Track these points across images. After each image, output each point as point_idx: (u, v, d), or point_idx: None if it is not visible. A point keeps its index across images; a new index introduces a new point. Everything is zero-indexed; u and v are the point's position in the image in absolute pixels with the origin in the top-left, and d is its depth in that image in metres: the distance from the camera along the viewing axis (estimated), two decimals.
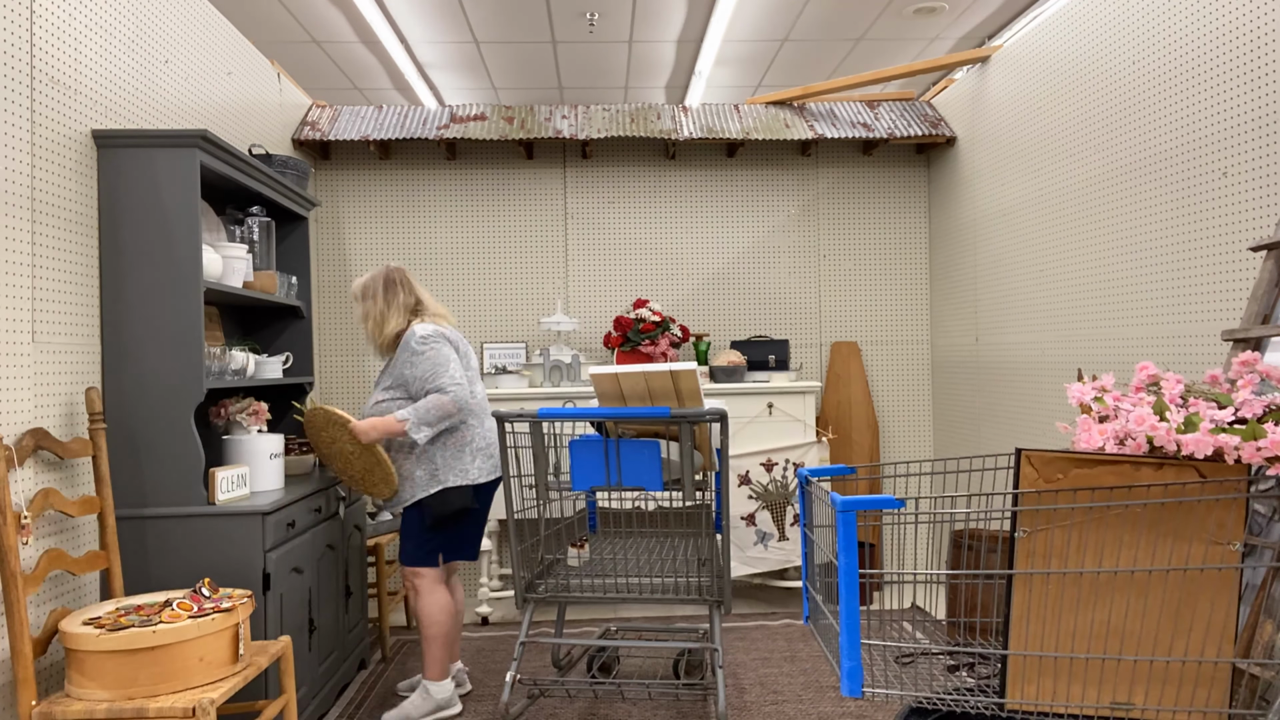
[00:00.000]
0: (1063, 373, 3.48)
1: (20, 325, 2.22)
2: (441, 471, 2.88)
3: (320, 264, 4.59)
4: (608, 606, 4.36)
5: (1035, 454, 1.61)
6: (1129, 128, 3.05)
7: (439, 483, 2.88)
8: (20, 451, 2.12)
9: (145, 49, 2.88)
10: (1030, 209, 3.71)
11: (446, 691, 2.98)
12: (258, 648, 2.37)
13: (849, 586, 1.52)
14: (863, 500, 1.52)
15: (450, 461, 2.89)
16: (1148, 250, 2.97)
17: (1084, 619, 1.59)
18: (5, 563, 1.99)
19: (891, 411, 4.81)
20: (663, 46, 6.32)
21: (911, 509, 4.36)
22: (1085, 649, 1.60)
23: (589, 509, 3.33)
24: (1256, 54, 2.50)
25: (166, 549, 2.53)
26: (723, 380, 4.29)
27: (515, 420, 2.67)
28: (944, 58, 4.23)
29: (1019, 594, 1.62)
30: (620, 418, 2.59)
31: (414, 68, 6.69)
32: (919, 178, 4.82)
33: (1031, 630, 1.61)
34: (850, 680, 1.55)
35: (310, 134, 4.33)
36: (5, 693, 2.11)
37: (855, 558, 1.53)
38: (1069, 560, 1.59)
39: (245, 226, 3.25)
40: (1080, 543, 1.59)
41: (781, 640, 3.78)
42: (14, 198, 2.21)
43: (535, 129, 4.41)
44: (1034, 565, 1.60)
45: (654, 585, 2.74)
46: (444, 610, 2.96)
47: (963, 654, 2.98)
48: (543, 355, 4.28)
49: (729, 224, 4.76)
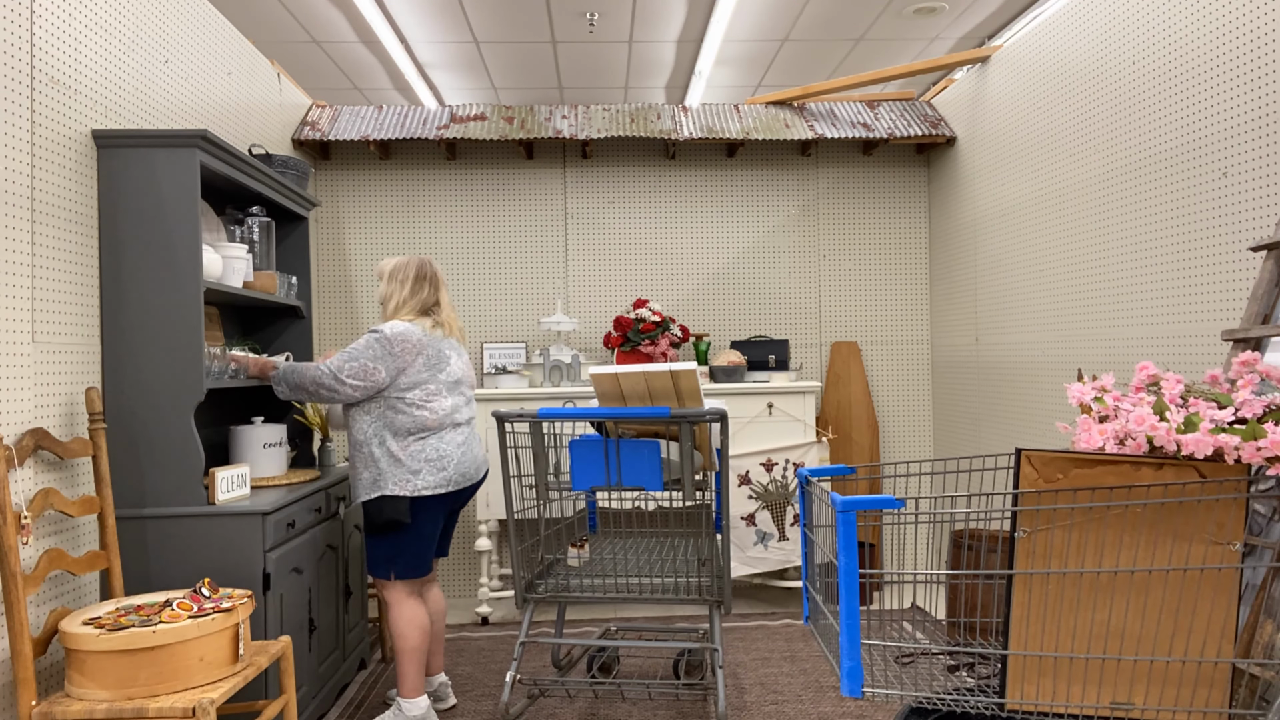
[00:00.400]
0: (1063, 373, 3.48)
1: (20, 325, 2.22)
2: (383, 479, 2.79)
3: (320, 264, 4.59)
4: (608, 606, 4.36)
5: (1035, 454, 1.61)
6: (1129, 128, 3.05)
7: (378, 489, 2.79)
8: (20, 451, 2.12)
9: (145, 49, 2.88)
10: (1030, 209, 3.71)
11: (419, 710, 2.85)
12: (258, 648, 2.37)
13: (849, 586, 1.52)
14: (862, 500, 1.52)
15: (392, 469, 2.79)
16: (1148, 250, 2.97)
17: (1084, 619, 1.59)
18: (5, 563, 1.99)
19: (891, 411, 4.81)
20: (663, 46, 6.32)
21: (911, 509, 4.36)
22: (1085, 649, 1.60)
23: (589, 509, 3.33)
24: (1256, 54, 2.50)
25: (166, 549, 2.53)
26: (723, 380, 4.29)
27: (515, 420, 2.67)
28: (944, 58, 4.23)
29: (1019, 594, 1.62)
30: (620, 418, 2.59)
31: (414, 68, 6.69)
32: (919, 178, 4.82)
33: (1031, 630, 1.61)
34: (850, 680, 1.55)
35: (310, 134, 4.33)
36: (5, 693, 2.11)
37: (855, 558, 1.53)
38: (1069, 560, 1.59)
39: (245, 226, 3.25)
40: (1080, 543, 1.59)
41: (781, 640, 3.78)
42: (14, 198, 2.21)
43: (535, 129, 4.41)
44: (1034, 565, 1.60)
45: (654, 585, 2.74)
46: (412, 624, 2.84)
47: (962, 654, 2.98)
48: (543, 355, 4.28)
49: (729, 224, 4.76)
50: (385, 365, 2.77)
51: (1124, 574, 1.57)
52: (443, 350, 2.90)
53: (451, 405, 2.90)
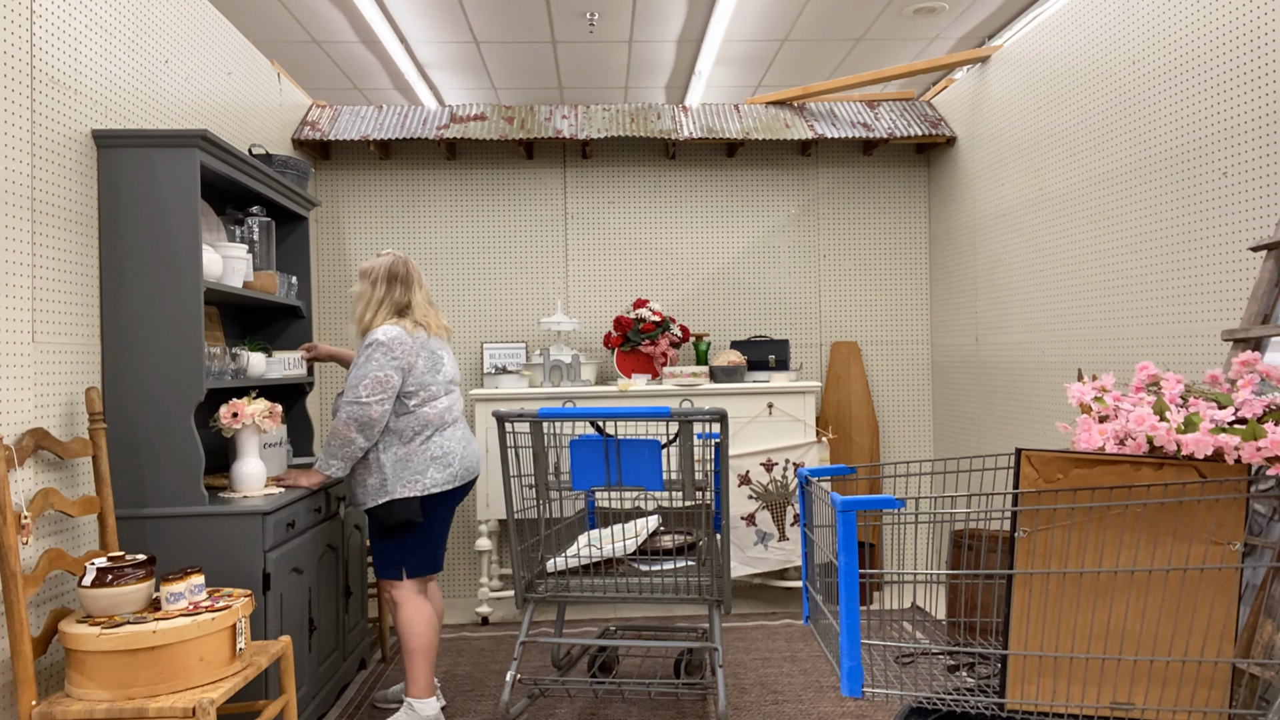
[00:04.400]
0: (1063, 373, 3.48)
1: (20, 325, 2.22)
2: (390, 482, 2.82)
3: (320, 264, 4.59)
4: (608, 606, 4.36)
5: (1035, 454, 1.61)
6: (1129, 128, 3.05)
7: (387, 494, 2.81)
8: (20, 451, 2.12)
9: (145, 49, 2.88)
10: (1030, 209, 3.71)
11: (431, 710, 2.87)
12: (258, 648, 2.37)
13: (849, 586, 1.52)
14: (863, 500, 1.52)
15: (399, 472, 2.82)
16: (1148, 250, 2.97)
17: (1084, 619, 1.59)
18: (5, 563, 1.99)
19: (891, 411, 4.81)
20: (663, 46, 6.32)
21: (911, 509, 4.35)
22: (1085, 649, 1.60)
23: (588, 508, 3.33)
24: (1256, 54, 2.50)
25: (166, 549, 2.53)
26: (723, 380, 4.29)
27: (515, 420, 2.67)
28: (944, 58, 4.23)
29: (1019, 594, 1.62)
30: (620, 417, 2.59)
31: (414, 68, 6.69)
32: (919, 178, 4.82)
33: (1031, 630, 1.61)
34: (850, 680, 1.54)
35: (310, 134, 4.33)
36: (5, 693, 2.11)
37: (855, 558, 1.52)
38: (1069, 560, 1.59)
39: (245, 226, 3.25)
40: (1080, 543, 1.59)
41: (781, 640, 3.78)
42: (14, 198, 2.21)
43: (535, 129, 4.41)
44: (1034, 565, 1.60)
45: (654, 585, 2.74)
46: (424, 621, 2.87)
47: (963, 654, 2.98)
48: (543, 355, 4.27)
49: (729, 224, 4.76)
50: (393, 369, 2.79)
51: (1124, 574, 1.57)
52: (435, 351, 2.93)
53: (448, 403, 2.94)
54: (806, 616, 1.92)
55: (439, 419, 2.89)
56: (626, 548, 2.87)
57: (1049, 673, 1.61)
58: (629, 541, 2.90)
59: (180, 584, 2.18)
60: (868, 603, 4.37)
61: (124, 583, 2.12)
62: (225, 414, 2.73)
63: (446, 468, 2.87)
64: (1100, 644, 1.59)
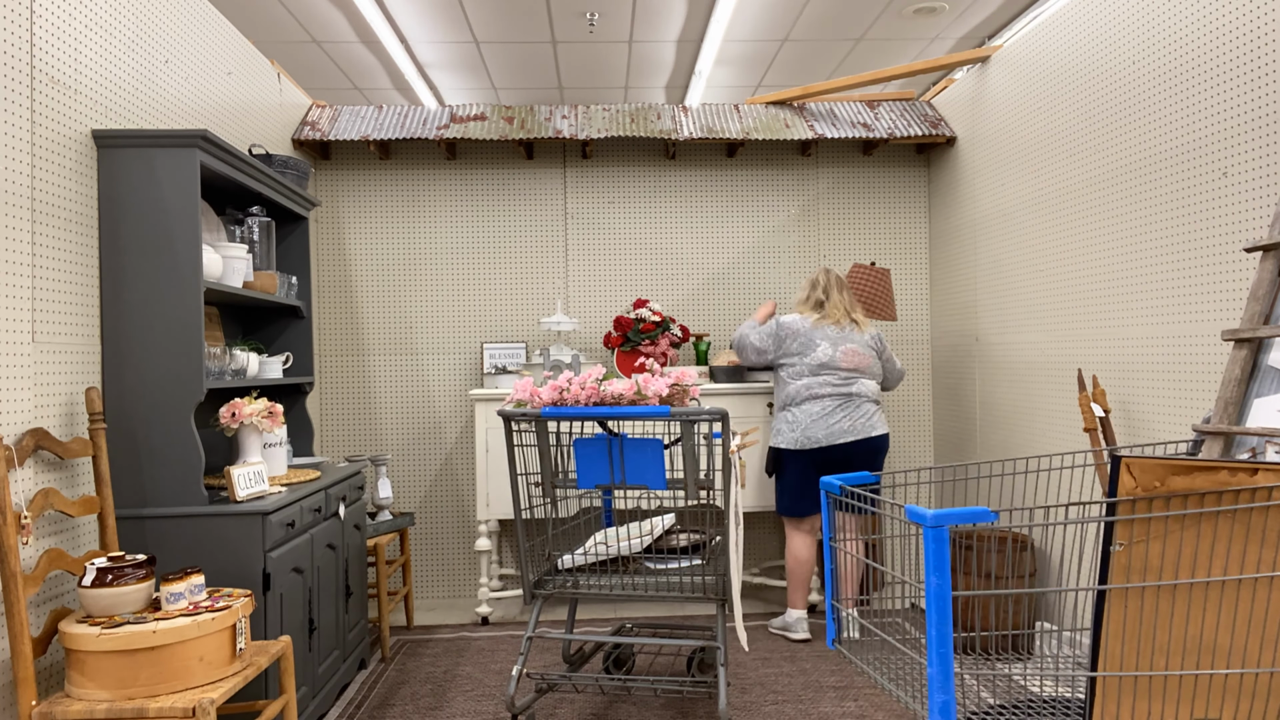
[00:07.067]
0: (1063, 373, 3.48)
1: (20, 325, 2.22)
2: (773, 433, 3.80)
3: (320, 264, 4.59)
4: (616, 605, 4.35)
5: (1135, 461, 1.47)
6: (1129, 128, 3.05)
7: (772, 441, 3.79)
8: (20, 451, 2.12)
9: (145, 49, 2.88)
10: (1030, 209, 3.71)
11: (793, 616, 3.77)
12: (258, 648, 2.37)
13: (941, 611, 1.34)
14: (955, 514, 1.37)
15: (777, 424, 3.78)
16: (1148, 250, 2.97)
17: (1177, 634, 1.50)
18: (5, 563, 1.99)
19: (891, 411, 4.80)
20: (663, 46, 6.32)
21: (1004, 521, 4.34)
22: (1179, 665, 1.50)
23: (605, 506, 3.33)
24: (1256, 54, 2.50)
25: (166, 549, 2.53)
26: (723, 380, 4.29)
27: (520, 419, 2.67)
28: (944, 58, 4.23)
29: (1115, 611, 1.50)
30: (621, 417, 2.59)
31: (414, 68, 6.69)
32: (919, 178, 4.82)
33: (1127, 649, 1.51)
34: (944, 717, 1.36)
35: (310, 134, 4.33)
36: (5, 693, 2.11)
37: (948, 578, 1.36)
38: (1163, 573, 1.49)
39: (245, 226, 3.25)
40: (1175, 554, 1.49)
41: (782, 640, 3.78)
42: (14, 198, 2.21)
43: (535, 129, 4.41)
44: (1130, 579, 1.50)
45: (659, 584, 2.74)
46: (790, 555, 3.76)
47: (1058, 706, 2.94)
48: (543, 355, 4.27)
49: (729, 224, 4.76)
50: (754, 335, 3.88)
51: (1214, 585, 1.49)
52: (804, 332, 3.75)
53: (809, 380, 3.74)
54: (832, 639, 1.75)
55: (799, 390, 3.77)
56: (635, 546, 2.88)
57: (1142, 693, 1.52)
58: (639, 540, 2.90)
59: (180, 584, 2.18)
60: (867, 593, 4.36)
61: (124, 583, 2.12)
62: (225, 414, 2.73)
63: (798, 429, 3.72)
64: (1192, 659, 1.49)
